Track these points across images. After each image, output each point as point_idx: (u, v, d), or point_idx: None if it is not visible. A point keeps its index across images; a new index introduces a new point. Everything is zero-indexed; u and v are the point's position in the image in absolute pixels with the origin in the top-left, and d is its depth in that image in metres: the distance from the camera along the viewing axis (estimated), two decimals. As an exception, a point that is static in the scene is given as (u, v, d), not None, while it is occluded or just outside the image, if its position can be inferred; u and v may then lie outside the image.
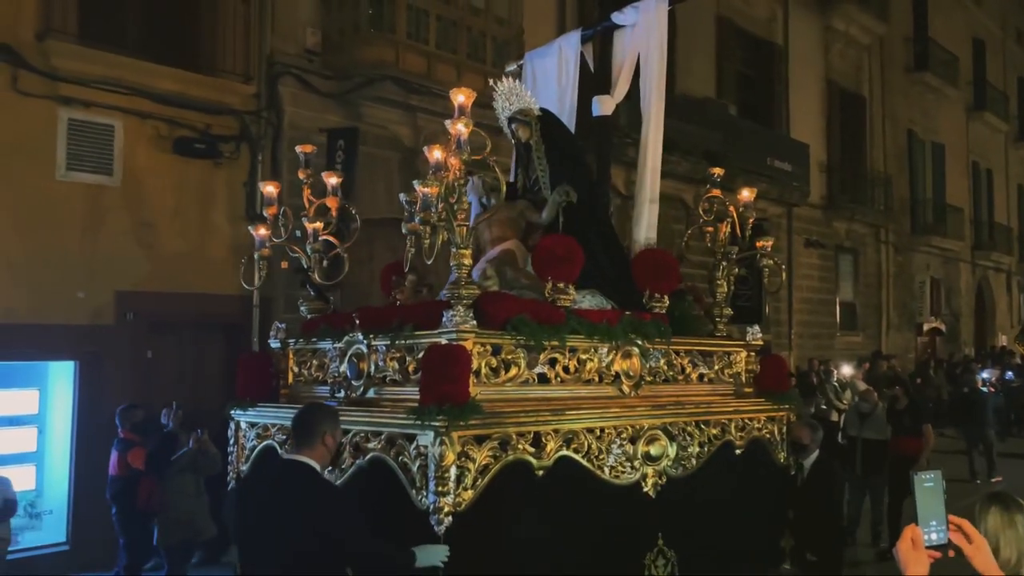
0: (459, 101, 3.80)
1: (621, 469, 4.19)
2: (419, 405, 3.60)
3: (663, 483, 4.37)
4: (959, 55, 23.89)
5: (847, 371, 14.23)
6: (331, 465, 3.78)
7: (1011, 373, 18.35)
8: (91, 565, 7.57)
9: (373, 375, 4.15)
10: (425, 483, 3.52)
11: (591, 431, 4.06)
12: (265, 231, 4.85)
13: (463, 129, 3.74)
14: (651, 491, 4.32)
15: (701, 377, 4.89)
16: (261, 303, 8.80)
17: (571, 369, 4.19)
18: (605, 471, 4.11)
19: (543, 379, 4.08)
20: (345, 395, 4.24)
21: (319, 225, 4.88)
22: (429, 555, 3.39)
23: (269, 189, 4.99)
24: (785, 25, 17.29)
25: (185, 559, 6.98)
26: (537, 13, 11.38)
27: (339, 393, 4.29)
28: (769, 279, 5.34)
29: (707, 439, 4.66)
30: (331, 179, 4.99)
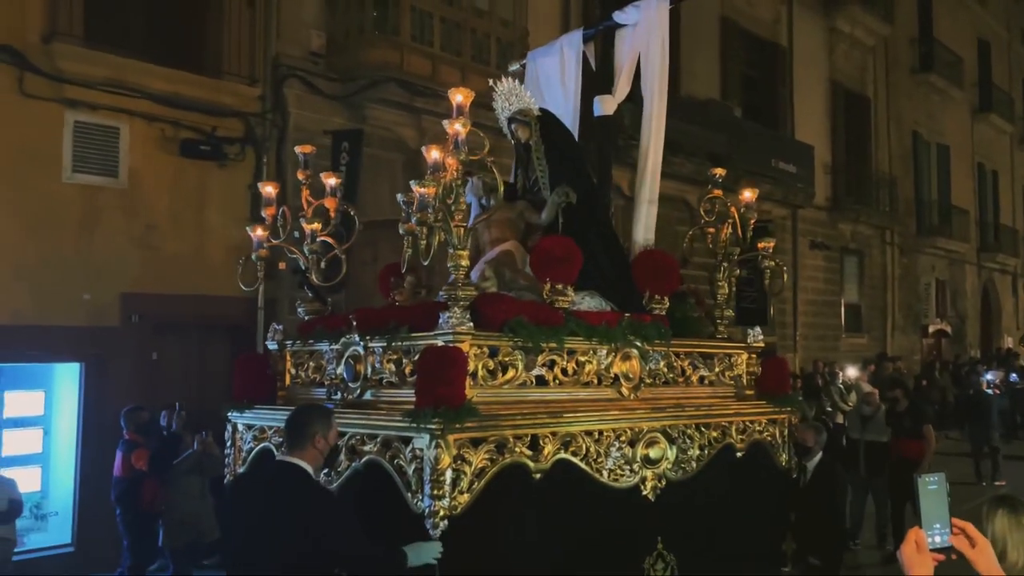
0: (457, 101, 3.78)
1: (620, 472, 4.14)
2: (414, 407, 3.57)
3: (663, 486, 4.32)
4: (964, 56, 23.84)
5: (852, 373, 14.21)
6: (327, 467, 3.73)
7: (1016, 375, 18.28)
8: (96, 566, 7.58)
9: (370, 377, 4.11)
10: (421, 486, 3.48)
11: (589, 434, 4.02)
12: (263, 232, 4.81)
13: (460, 129, 3.71)
14: (650, 494, 4.27)
15: (702, 379, 4.83)
16: (266, 305, 8.81)
17: (569, 371, 4.13)
18: (604, 474, 4.07)
19: (541, 381, 4.03)
20: (342, 397, 4.20)
21: (317, 226, 4.84)
22: (421, 554, 3.36)
23: (268, 190, 4.94)
24: (789, 26, 17.27)
25: (191, 560, 6.99)
26: (541, 14, 11.39)
27: (336, 395, 4.26)
28: (771, 281, 5.30)
29: (707, 442, 4.61)
30: (330, 180, 4.94)
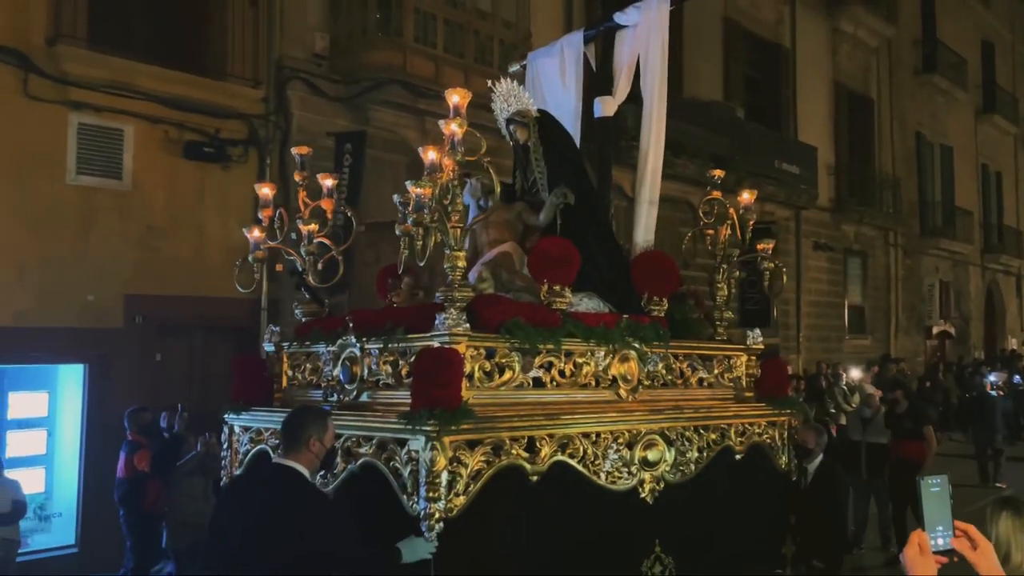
0: (454, 102, 3.76)
1: (618, 475, 4.11)
2: (410, 409, 3.53)
3: (661, 488, 4.28)
4: (968, 57, 23.81)
5: (856, 374, 14.19)
6: (325, 469, 3.69)
7: (1019, 376, 18.23)
8: (100, 567, 7.59)
9: (366, 379, 4.08)
10: (416, 489, 3.46)
11: (587, 436, 3.98)
12: (260, 233, 4.78)
13: (457, 129, 3.69)
14: (648, 497, 4.23)
15: (700, 381, 4.79)
16: (269, 306, 8.82)
17: (567, 373, 4.10)
18: (601, 476, 4.04)
19: (538, 383, 4.00)
20: (338, 399, 4.17)
21: (314, 227, 4.83)
22: (415, 550, 3.34)
23: (265, 191, 4.91)
24: (792, 27, 17.26)
25: (194, 562, 7.00)
26: (544, 16, 11.40)
27: (332, 397, 4.23)
28: (770, 282, 5.28)
29: (706, 444, 4.57)
30: (326, 181, 4.91)
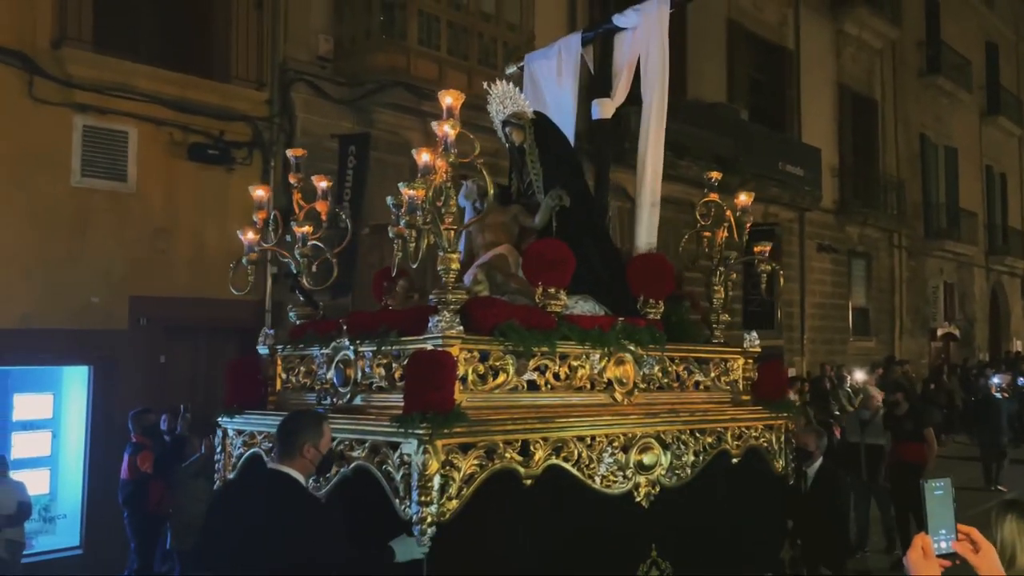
0: (447, 103, 3.74)
1: (613, 478, 4.07)
2: (403, 412, 3.50)
3: (656, 492, 4.24)
4: (972, 59, 23.78)
5: (860, 376, 14.18)
6: (321, 474, 3.67)
7: (1023, 379, 18.17)
8: (104, 568, 7.61)
9: (360, 382, 4.05)
10: (408, 493, 3.42)
11: (581, 439, 3.95)
12: (254, 236, 4.77)
13: (450, 131, 3.67)
14: (644, 501, 4.19)
15: (697, 384, 4.74)
16: (273, 308, 8.83)
17: (562, 376, 4.06)
18: (596, 480, 4.00)
19: (533, 386, 3.95)
20: (331, 402, 4.15)
21: (308, 229, 4.81)
22: (408, 549, 3.33)
23: (259, 193, 4.88)
24: (796, 29, 17.24)
25: (199, 563, 7.01)
26: (548, 18, 11.40)
27: (326, 400, 4.21)
28: (768, 284, 5.24)
29: (702, 448, 4.53)
30: (321, 183, 4.90)
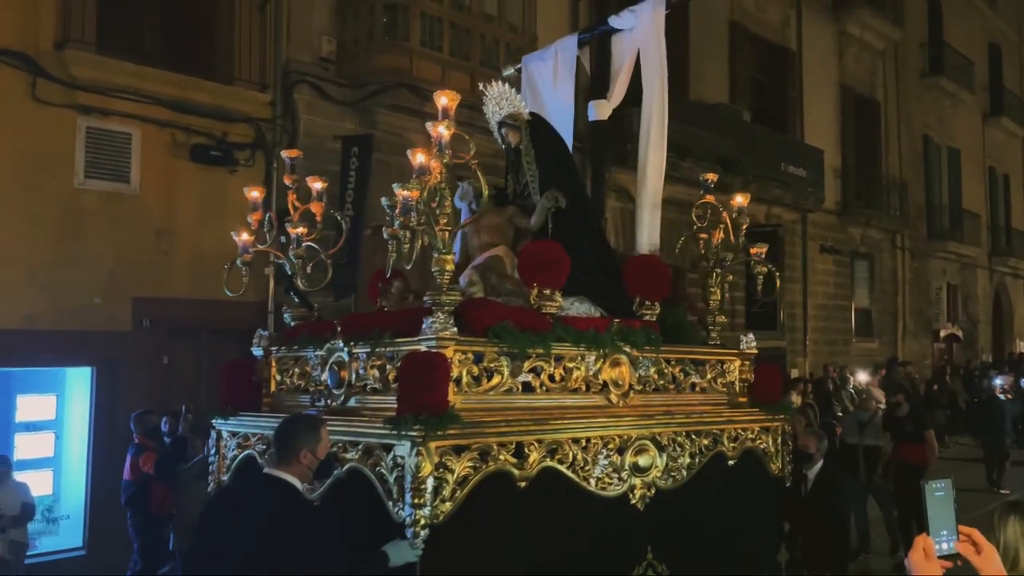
0: (442, 104, 3.73)
1: (608, 480, 4.06)
2: (396, 414, 3.48)
3: (652, 495, 4.23)
4: (975, 60, 23.75)
5: (863, 377, 14.17)
6: (320, 478, 3.64)
7: (1027, 380, 18.13)
8: (107, 570, 7.61)
9: (354, 384, 4.03)
10: (402, 495, 3.40)
11: (576, 441, 3.93)
12: (248, 237, 4.76)
13: (444, 132, 3.66)
14: (639, 503, 4.18)
15: (693, 386, 4.73)
16: (276, 309, 8.82)
17: (556, 378, 4.05)
18: (591, 482, 3.98)
19: (527, 388, 3.94)
20: (326, 404, 4.13)
21: (303, 230, 4.81)
22: (401, 553, 3.32)
23: (254, 194, 4.88)
24: (799, 30, 17.23)
25: (193, 566, 7.00)
26: (550, 20, 11.40)
27: (320, 402, 4.19)
28: (764, 286, 5.24)
29: (698, 450, 4.52)
30: (315, 184, 4.89)
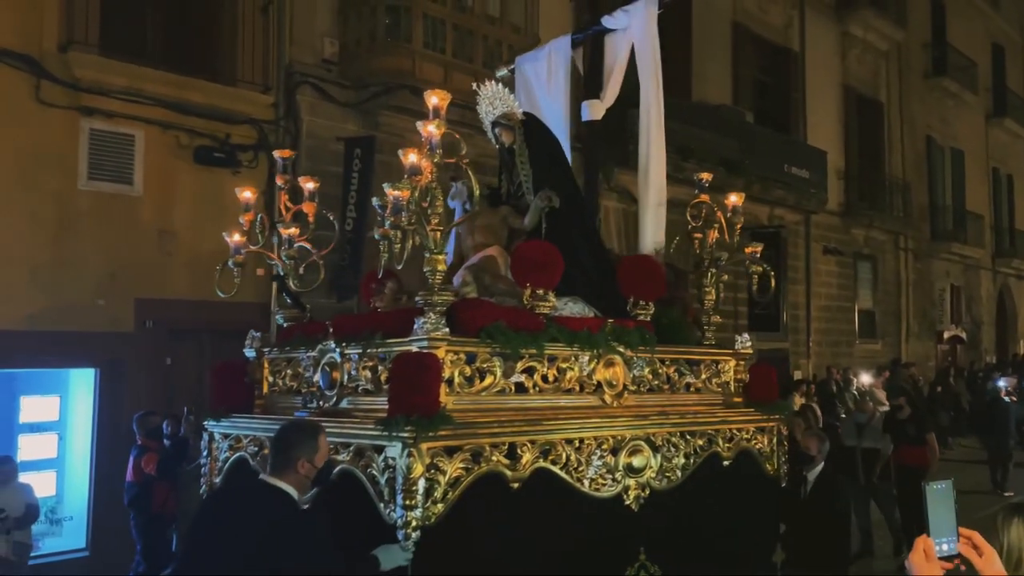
0: (433, 103, 3.72)
1: (602, 481, 4.04)
2: (387, 415, 3.46)
3: (646, 495, 4.21)
4: (978, 61, 23.71)
5: (866, 379, 14.14)
6: (318, 486, 3.55)
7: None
8: (111, 570, 7.61)
9: (346, 385, 4.02)
10: (393, 496, 3.38)
11: (570, 442, 3.92)
12: (240, 237, 4.74)
13: (435, 131, 3.65)
14: (633, 504, 4.16)
15: (688, 386, 4.72)
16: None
17: (550, 378, 4.03)
18: (585, 483, 3.97)
19: (521, 388, 3.91)
20: (318, 406, 4.11)
21: (294, 231, 4.80)
22: (392, 557, 3.30)
23: (246, 195, 4.86)
24: (801, 31, 17.22)
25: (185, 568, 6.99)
26: (553, 21, 11.39)
27: (312, 404, 4.17)
28: (759, 286, 5.22)
29: (693, 450, 4.50)
30: (307, 184, 4.88)
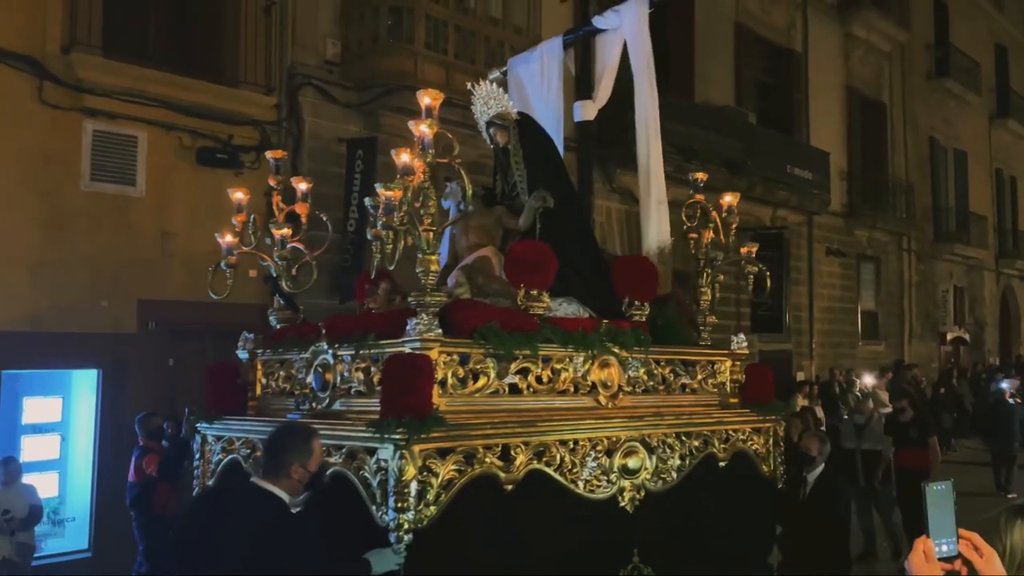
0: (425, 103, 3.71)
1: (596, 483, 4.02)
2: (379, 417, 3.44)
3: (641, 497, 4.19)
4: (981, 62, 23.69)
5: (869, 380, 14.12)
6: (311, 489, 3.51)
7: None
8: (113, 571, 7.62)
9: (338, 386, 3.99)
10: (385, 499, 3.36)
11: (564, 443, 3.89)
12: (232, 238, 4.72)
13: (427, 130, 3.63)
14: (629, 505, 4.14)
15: (683, 387, 4.69)
16: (281, 312, 8.83)
17: (544, 379, 4.00)
18: (579, 485, 3.94)
19: (515, 389, 3.89)
20: (310, 407, 4.09)
21: (287, 232, 4.77)
22: (384, 560, 3.28)
23: (238, 196, 4.83)
24: (804, 32, 17.21)
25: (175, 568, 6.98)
26: (555, 22, 11.38)
27: (304, 405, 4.15)
28: (755, 286, 5.20)
29: (688, 451, 4.48)
30: (300, 184, 4.86)
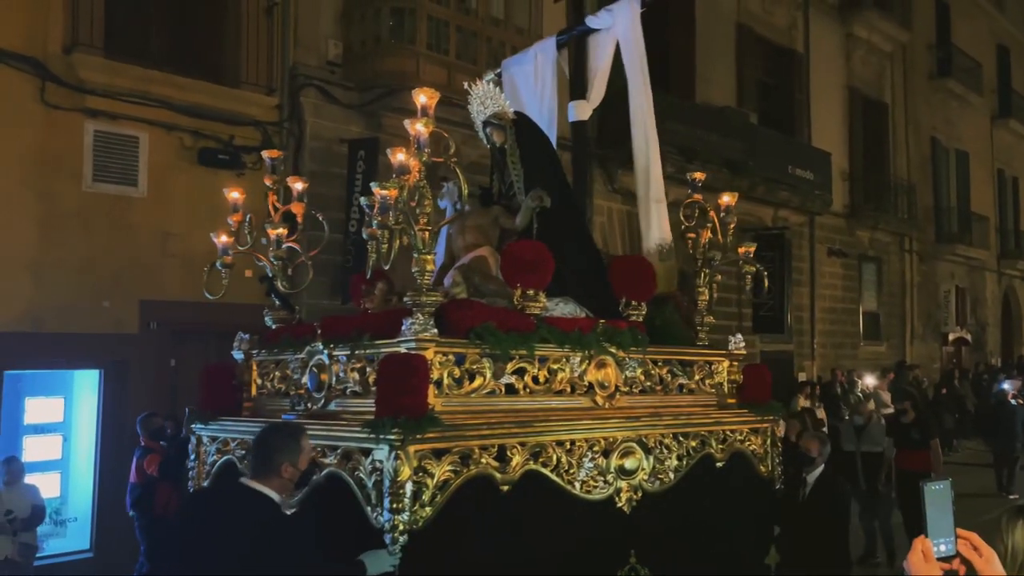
0: (421, 102, 3.69)
1: (593, 484, 4.01)
2: (374, 417, 3.43)
3: (638, 498, 4.18)
4: (983, 62, 23.67)
5: (871, 381, 14.11)
6: (301, 487, 3.58)
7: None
8: (115, 571, 7.63)
9: (334, 387, 3.98)
10: (380, 500, 3.34)
11: (561, 444, 3.88)
12: (228, 238, 4.71)
13: (422, 129, 3.61)
14: (626, 506, 4.13)
15: (681, 387, 4.68)
16: (283, 312, 8.84)
17: (541, 379, 3.99)
18: (576, 486, 3.93)
19: (511, 390, 3.87)
20: (306, 408, 4.07)
21: (283, 232, 4.76)
22: (379, 561, 3.27)
23: (234, 195, 4.82)
24: (806, 33, 17.20)
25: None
26: (556, 22, 11.39)
27: (299, 406, 4.13)
28: (753, 286, 5.20)
29: (686, 452, 4.47)
30: (296, 184, 4.86)
